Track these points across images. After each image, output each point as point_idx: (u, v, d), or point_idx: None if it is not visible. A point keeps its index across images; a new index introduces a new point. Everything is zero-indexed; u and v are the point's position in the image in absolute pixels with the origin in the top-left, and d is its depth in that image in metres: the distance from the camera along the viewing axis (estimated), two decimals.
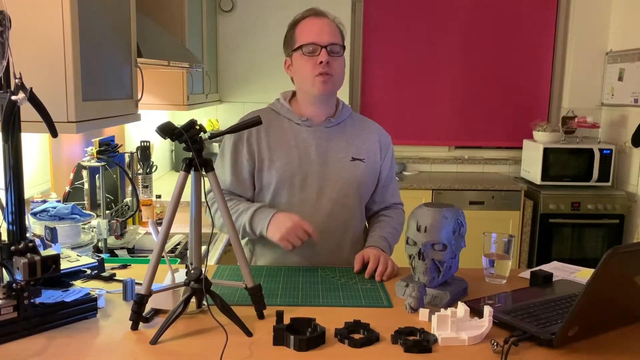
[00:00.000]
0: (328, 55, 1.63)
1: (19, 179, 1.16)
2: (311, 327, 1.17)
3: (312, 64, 1.64)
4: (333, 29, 1.67)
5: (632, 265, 1.12)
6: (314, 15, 1.68)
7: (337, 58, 1.66)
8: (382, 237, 1.72)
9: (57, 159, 2.23)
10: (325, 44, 1.63)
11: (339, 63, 1.67)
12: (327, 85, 1.66)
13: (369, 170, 1.74)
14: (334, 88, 1.69)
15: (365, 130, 1.79)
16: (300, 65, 1.67)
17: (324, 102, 1.71)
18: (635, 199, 3.83)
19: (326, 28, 1.65)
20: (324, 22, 1.66)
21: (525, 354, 1.11)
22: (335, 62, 1.65)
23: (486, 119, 4.40)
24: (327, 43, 1.63)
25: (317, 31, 1.64)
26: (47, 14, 1.47)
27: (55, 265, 1.16)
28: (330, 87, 1.67)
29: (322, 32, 1.64)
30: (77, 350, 1.10)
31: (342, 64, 1.69)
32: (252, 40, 4.13)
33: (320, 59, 1.62)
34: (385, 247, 1.70)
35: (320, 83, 1.65)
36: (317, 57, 1.63)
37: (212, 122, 4.10)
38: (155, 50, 2.20)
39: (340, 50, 1.67)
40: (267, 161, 1.69)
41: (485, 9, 4.27)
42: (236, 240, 1.28)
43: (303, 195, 1.68)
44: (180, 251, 2.26)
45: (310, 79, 1.65)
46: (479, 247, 1.55)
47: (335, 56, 1.65)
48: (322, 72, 1.63)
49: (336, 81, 1.68)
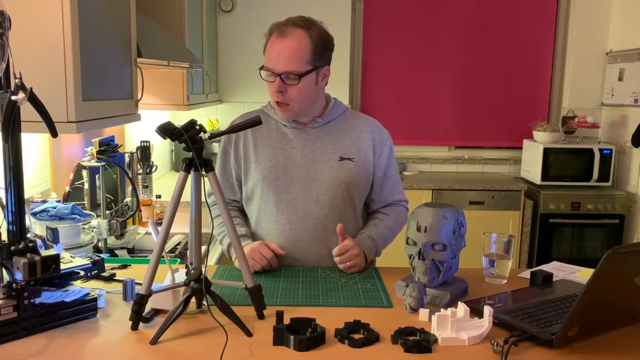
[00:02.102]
0: (281, 84, 1.57)
1: (19, 179, 1.16)
2: (311, 327, 1.17)
3: (271, 88, 1.61)
4: (292, 52, 1.56)
5: (632, 265, 1.12)
6: (277, 35, 1.58)
7: (292, 85, 1.58)
8: (370, 237, 1.68)
9: (57, 159, 2.23)
10: (279, 72, 1.57)
11: (296, 90, 1.59)
12: (285, 113, 1.64)
13: (359, 170, 1.69)
14: (293, 114, 1.66)
15: (357, 128, 1.73)
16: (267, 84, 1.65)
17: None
18: (635, 199, 3.83)
19: (284, 53, 1.56)
20: (284, 46, 1.56)
21: (525, 354, 1.11)
22: (290, 89, 1.59)
23: (486, 119, 4.40)
24: (281, 72, 1.56)
25: (274, 56, 1.57)
26: (47, 14, 1.47)
27: (55, 265, 1.16)
28: (289, 114, 1.65)
29: (279, 58, 1.56)
30: (77, 350, 1.10)
31: (300, 89, 1.59)
32: (252, 40, 4.13)
33: (273, 88, 1.60)
34: (370, 247, 1.66)
35: (279, 111, 1.65)
36: (272, 83, 1.59)
37: (212, 122, 4.10)
38: (155, 50, 2.20)
39: (296, 78, 1.57)
40: (253, 164, 1.69)
41: (485, 9, 4.27)
42: (236, 240, 1.28)
43: (290, 198, 1.67)
44: (180, 251, 2.26)
45: (272, 101, 1.65)
46: (479, 247, 1.55)
47: (290, 84, 1.58)
48: (277, 101, 1.62)
49: (294, 107, 1.63)
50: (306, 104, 1.65)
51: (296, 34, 1.57)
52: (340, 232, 1.59)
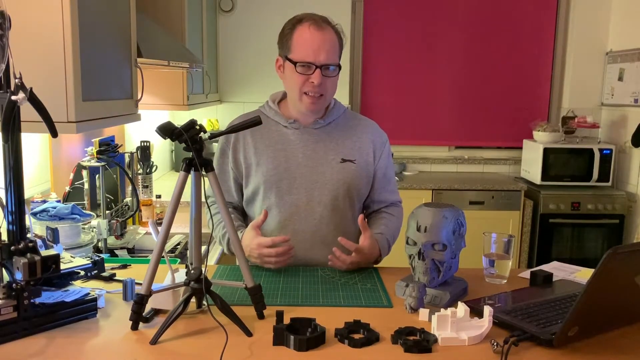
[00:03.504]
0: (322, 76, 1.58)
1: (19, 179, 1.16)
2: (311, 327, 1.17)
3: (303, 79, 1.59)
4: (332, 45, 1.59)
5: (632, 265, 1.12)
6: (314, 25, 1.58)
7: (331, 77, 1.60)
8: (386, 239, 1.70)
9: (57, 159, 2.23)
10: (321, 64, 1.57)
11: (332, 81, 1.62)
12: (316, 105, 1.63)
13: (360, 172, 1.71)
14: (322, 107, 1.67)
15: (357, 129, 1.74)
16: (291, 76, 1.62)
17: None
18: (635, 199, 3.83)
19: (325, 45, 1.57)
20: (325, 37, 1.57)
21: (525, 354, 1.11)
22: (328, 81, 1.61)
23: (486, 119, 4.40)
24: (323, 63, 1.57)
25: (315, 48, 1.56)
26: (47, 14, 1.47)
27: (55, 265, 1.16)
28: (319, 107, 1.66)
29: (320, 50, 1.56)
30: (77, 350, 1.10)
31: (335, 81, 1.63)
32: (252, 40, 4.13)
33: (313, 80, 1.58)
34: (385, 248, 1.69)
35: (309, 103, 1.62)
36: (310, 75, 1.58)
37: (212, 122, 4.11)
38: (155, 50, 2.20)
39: (336, 70, 1.60)
40: (254, 166, 1.69)
41: (485, 8, 4.27)
42: (236, 240, 1.28)
43: (292, 199, 1.67)
44: (180, 251, 2.26)
45: (299, 93, 1.62)
46: (479, 247, 1.55)
47: (329, 75, 1.60)
48: (312, 93, 1.60)
49: (327, 100, 1.65)
50: (332, 97, 1.70)
51: (329, 29, 1.61)
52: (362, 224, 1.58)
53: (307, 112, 1.67)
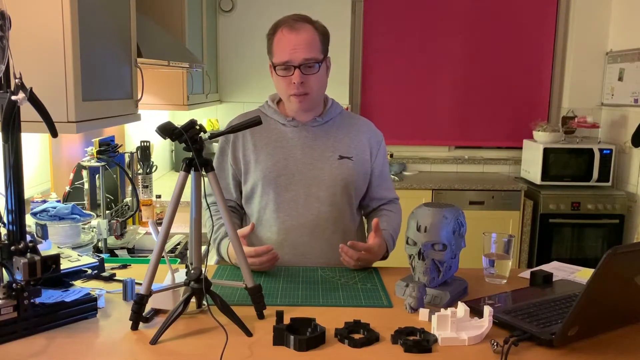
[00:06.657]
0: (302, 75, 1.59)
1: (19, 179, 1.16)
2: (311, 327, 1.17)
3: (287, 82, 1.62)
4: (309, 42, 1.60)
5: (632, 265, 1.12)
6: (288, 28, 1.60)
7: (313, 74, 1.62)
8: (389, 234, 1.72)
9: (57, 159, 2.23)
10: (298, 63, 1.59)
11: (316, 78, 1.63)
12: (303, 104, 1.66)
13: (357, 168, 1.74)
14: (312, 104, 1.69)
15: (354, 128, 1.78)
16: (277, 80, 1.66)
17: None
18: (635, 199, 3.83)
19: (301, 44, 1.59)
20: (299, 37, 1.59)
21: (525, 354, 1.11)
22: (311, 78, 1.62)
23: (486, 119, 4.40)
24: (300, 62, 1.59)
25: (291, 48, 1.59)
26: (47, 14, 1.47)
27: (55, 265, 1.16)
28: (307, 105, 1.67)
29: (296, 49, 1.58)
30: (77, 350, 1.10)
31: (319, 77, 1.64)
32: (252, 40, 4.13)
33: (294, 80, 1.60)
34: (390, 243, 1.72)
35: (296, 102, 1.65)
36: (290, 76, 1.61)
37: (212, 122, 4.11)
38: (155, 50, 2.20)
39: (316, 65, 1.61)
40: (253, 163, 1.70)
41: (485, 9, 4.27)
42: (236, 240, 1.28)
43: (290, 195, 1.69)
44: (180, 251, 2.26)
45: (286, 96, 1.66)
46: (479, 247, 1.55)
47: (310, 73, 1.61)
48: (296, 93, 1.62)
49: (313, 97, 1.66)
50: (321, 94, 1.70)
51: (305, 27, 1.63)
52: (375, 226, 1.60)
53: (299, 112, 1.70)
